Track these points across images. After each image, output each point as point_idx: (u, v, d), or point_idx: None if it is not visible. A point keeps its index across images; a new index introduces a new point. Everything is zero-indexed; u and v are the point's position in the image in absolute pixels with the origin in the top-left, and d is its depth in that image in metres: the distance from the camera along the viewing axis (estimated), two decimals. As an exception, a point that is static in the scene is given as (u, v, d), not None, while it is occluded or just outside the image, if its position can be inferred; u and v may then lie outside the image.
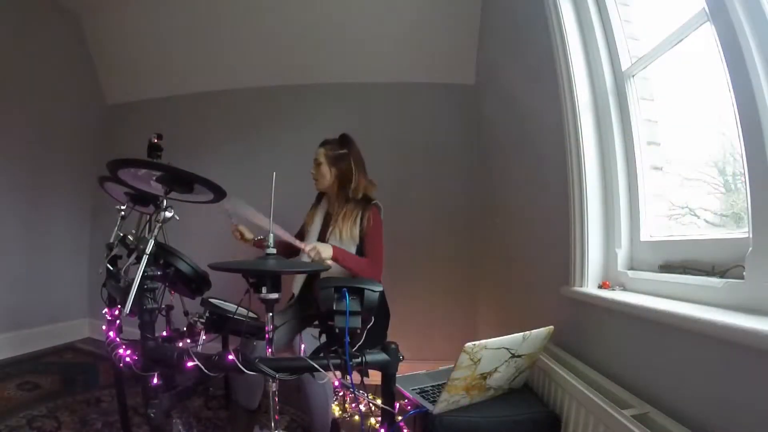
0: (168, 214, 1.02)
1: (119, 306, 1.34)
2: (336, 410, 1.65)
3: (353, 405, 1.67)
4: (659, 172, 1.22)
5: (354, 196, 1.61)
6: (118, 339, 1.19)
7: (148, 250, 0.96)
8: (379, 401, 1.01)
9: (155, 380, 0.96)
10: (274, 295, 0.98)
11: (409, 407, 1.12)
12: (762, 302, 0.76)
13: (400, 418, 1.06)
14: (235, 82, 2.83)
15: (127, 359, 1.01)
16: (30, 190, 2.66)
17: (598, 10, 1.34)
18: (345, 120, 2.56)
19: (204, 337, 1.31)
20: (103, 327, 1.34)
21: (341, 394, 1.69)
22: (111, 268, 1.44)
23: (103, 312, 1.42)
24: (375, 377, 0.99)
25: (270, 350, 1.01)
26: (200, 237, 2.49)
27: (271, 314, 1.01)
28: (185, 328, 1.42)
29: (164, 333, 1.49)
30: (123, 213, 1.52)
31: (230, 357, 0.87)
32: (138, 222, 1.54)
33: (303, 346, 1.38)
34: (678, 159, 1.23)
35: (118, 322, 1.33)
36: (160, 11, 2.62)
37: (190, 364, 0.88)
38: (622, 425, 0.80)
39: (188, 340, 1.39)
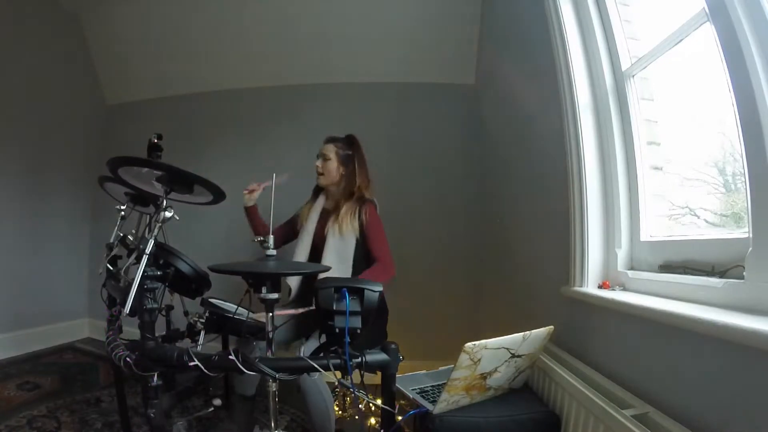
0: (168, 214, 1.01)
1: (119, 306, 1.34)
2: (336, 410, 1.65)
3: (353, 405, 1.67)
4: (659, 172, 1.22)
5: (352, 194, 1.64)
6: (118, 339, 1.19)
7: (148, 250, 0.96)
8: (379, 401, 1.01)
9: (155, 380, 0.96)
10: (274, 295, 0.99)
11: (409, 407, 1.12)
12: (762, 302, 0.76)
13: (400, 418, 1.05)
14: (236, 82, 2.82)
15: (127, 359, 1.01)
16: (30, 190, 2.66)
17: (598, 10, 1.34)
18: (345, 120, 2.56)
19: (204, 337, 1.30)
20: (104, 327, 1.34)
21: (341, 394, 1.69)
22: (111, 268, 1.44)
23: (104, 312, 1.42)
24: (375, 377, 0.99)
25: (270, 351, 1.01)
26: (200, 237, 2.49)
27: (271, 314, 1.01)
28: (185, 328, 1.42)
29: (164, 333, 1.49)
30: (123, 213, 1.52)
31: (230, 357, 0.87)
32: (138, 222, 1.54)
33: (303, 346, 1.38)
34: (678, 159, 1.23)
35: (118, 322, 1.33)
36: (160, 11, 2.62)
37: (190, 364, 0.88)
38: (622, 425, 0.80)
39: (188, 340, 1.39)
